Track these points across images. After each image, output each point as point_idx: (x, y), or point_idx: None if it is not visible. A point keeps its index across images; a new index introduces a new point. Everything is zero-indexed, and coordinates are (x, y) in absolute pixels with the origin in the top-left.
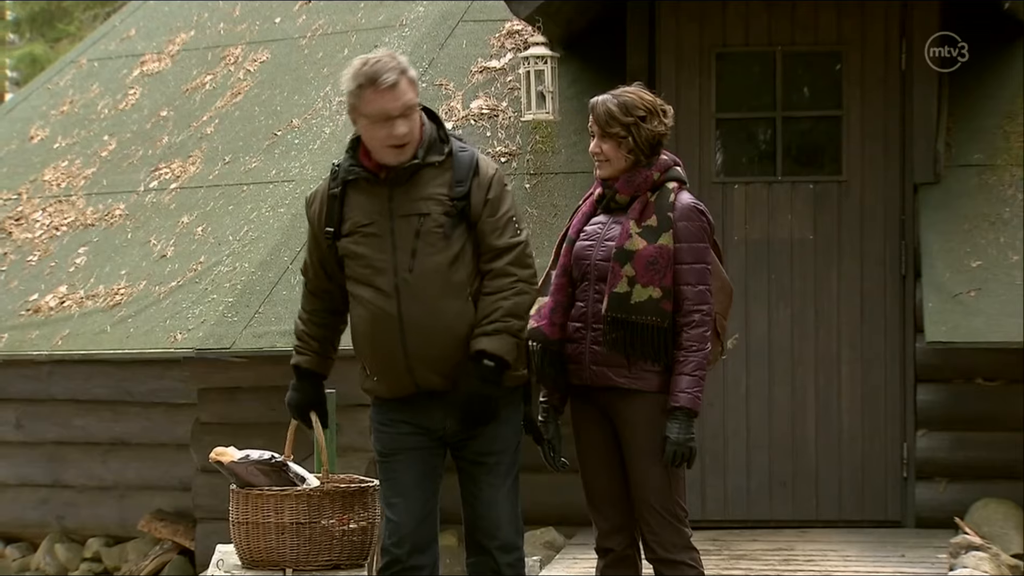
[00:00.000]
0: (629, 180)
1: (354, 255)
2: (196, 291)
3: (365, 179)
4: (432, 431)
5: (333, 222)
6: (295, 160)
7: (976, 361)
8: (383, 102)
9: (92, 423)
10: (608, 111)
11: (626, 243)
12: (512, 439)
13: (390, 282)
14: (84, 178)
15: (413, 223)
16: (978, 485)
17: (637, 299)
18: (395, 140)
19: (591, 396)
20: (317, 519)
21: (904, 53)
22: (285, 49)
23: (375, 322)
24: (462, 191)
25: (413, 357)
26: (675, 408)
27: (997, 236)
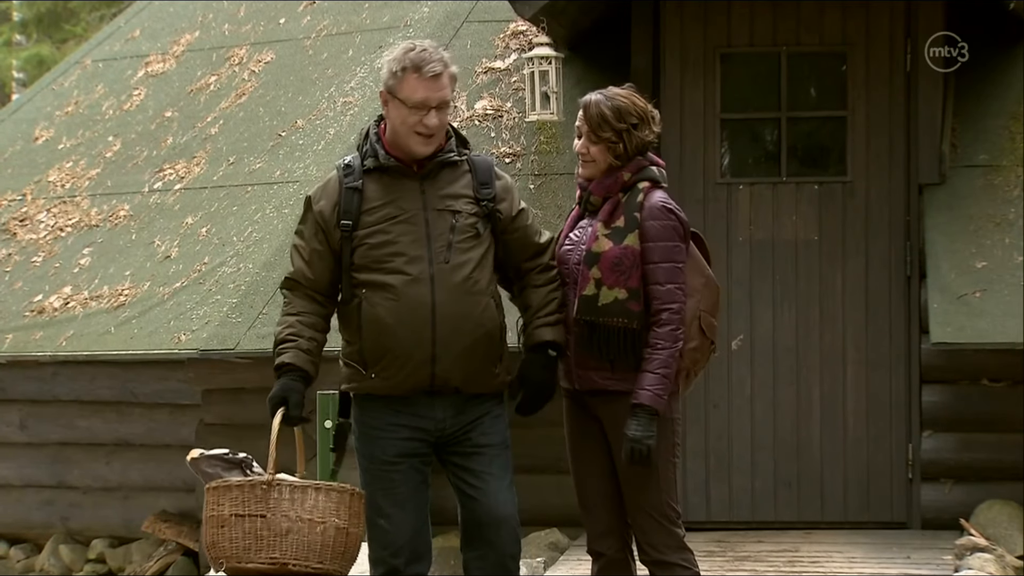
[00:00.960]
0: (602, 182)
1: (381, 243)
2: (200, 292)
3: (395, 169)
4: (430, 431)
5: (351, 215)
6: (299, 161)
7: (982, 362)
8: (424, 90)
9: (96, 424)
10: (601, 114)
11: (593, 245)
12: (505, 434)
13: (425, 270)
14: (89, 179)
15: (447, 218)
16: (983, 486)
17: (604, 301)
18: (425, 129)
19: (579, 399)
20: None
21: (909, 54)
22: (289, 50)
23: (402, 308)
24: (489, 193)
25: (441, 346)
26: (635, 405)
27: (1002, 237)
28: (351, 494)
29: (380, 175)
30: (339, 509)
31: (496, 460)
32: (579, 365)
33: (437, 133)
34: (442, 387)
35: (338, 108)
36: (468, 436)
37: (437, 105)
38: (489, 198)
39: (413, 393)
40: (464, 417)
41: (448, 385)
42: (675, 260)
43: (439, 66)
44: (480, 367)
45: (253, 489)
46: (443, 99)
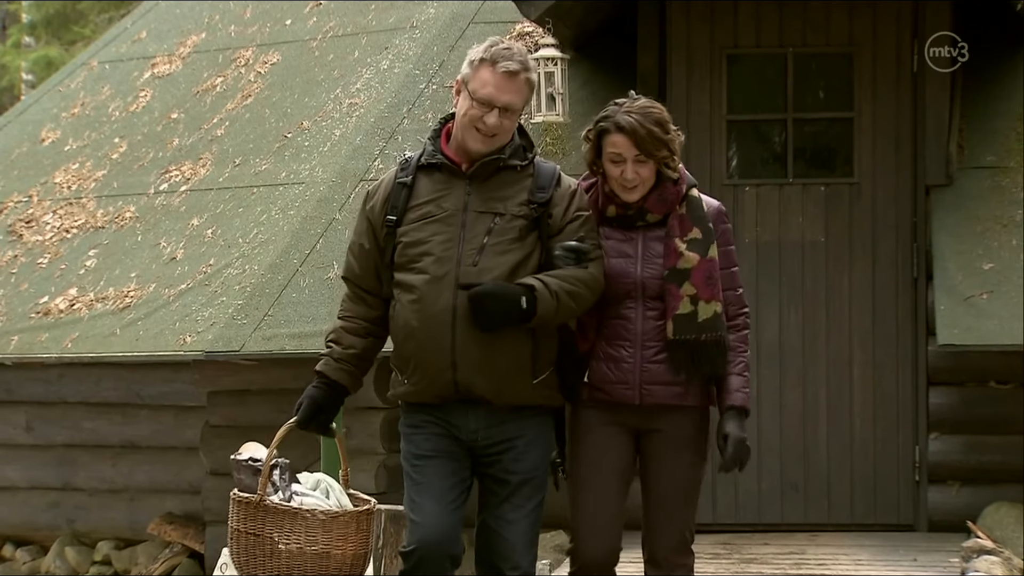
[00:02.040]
0: (662, 198)
1: (415, 242)
2: (206, 293)
3: (446, 167)
4: (463, 440)
5: (397, 211)
6: (305, 162)
7: (989, 364)
8: (493, 86)
9: (102, 426)
10: (652, 133)
11: (679, 262)
12: (541, 461)
13: (451, 272)
14: (95, 180)
15: (487, 220)
16: (990, 489)
17: (704, 316)
18: (484, 127)
19: (620, 414)
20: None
21: (916, 54)
22: (296, 51)
23: (424, 311)
24: (543, 197)
25: (460, 352)
26: (731, 407)
27: (1010, 238)
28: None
29: (433, 172)
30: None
31: (521, 490)
32: (650, 381)
33: (498, 135)
34: (468, 395)
35: (344, 109)
36: (499, 459)
37: (503, 106)
38: (542, 202)
39: (444, 401)
40: (497, 432)
41: (474, 394)
42: (736, 263)
43: (516, 66)
44: (508, 377)
45: (247, 506)
46: (510, 102)
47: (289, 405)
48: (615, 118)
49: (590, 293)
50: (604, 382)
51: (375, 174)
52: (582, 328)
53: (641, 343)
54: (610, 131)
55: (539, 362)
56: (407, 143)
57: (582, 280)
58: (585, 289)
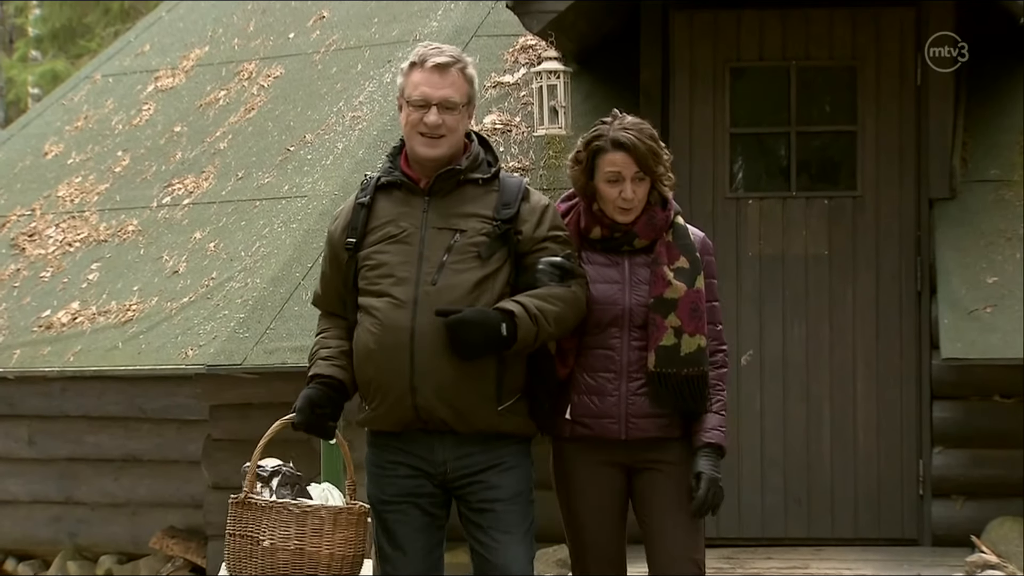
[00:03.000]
0: (651, 223)
1: (374, 264)
2: (208, 307)
3: (403, 184)
4: (432, 475)
5: (356, 233)
6: (308, 176)
7: (993, 378)
8: (425, 84)
9: (104, 440)
10: (651, 149)
11: (666, 292)
12: (521, 487)
13: (409, 293)
14: (97, 194)
15: (446, 237)
16: (995, 503)
17: (687, 350)
18: (426, 128)
19: (606, 450)
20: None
21: (919, 68)
22: (299, 64)
23: (383, 334)
24: (509, 213)
25: (420, 376)
26: (707, 444)
27: (1013, 252)
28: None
29: (392, 191)
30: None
31: (506, 516)
32: (636, 414)
33: (446, 135)
34: (431, 420)
35: (347, 123)
36: (474, 490)
37: (440, 103)
38: (507, 218)
39: (406, 429)
40: (468, 463)
41: (435, 419)
42: (718, 298)
43: (446, 58)
44: (470, 402)
45: (234, 506)
46: (446, 97)
47: None
48: (610, 135)
49: (573, 314)
50: (587, 416)
51: None
52: (561, 353)
53: (627, 374)
54: (606, 149)
55: (504, 387)
56: None
57: (564, 300)
58: (567, 310)
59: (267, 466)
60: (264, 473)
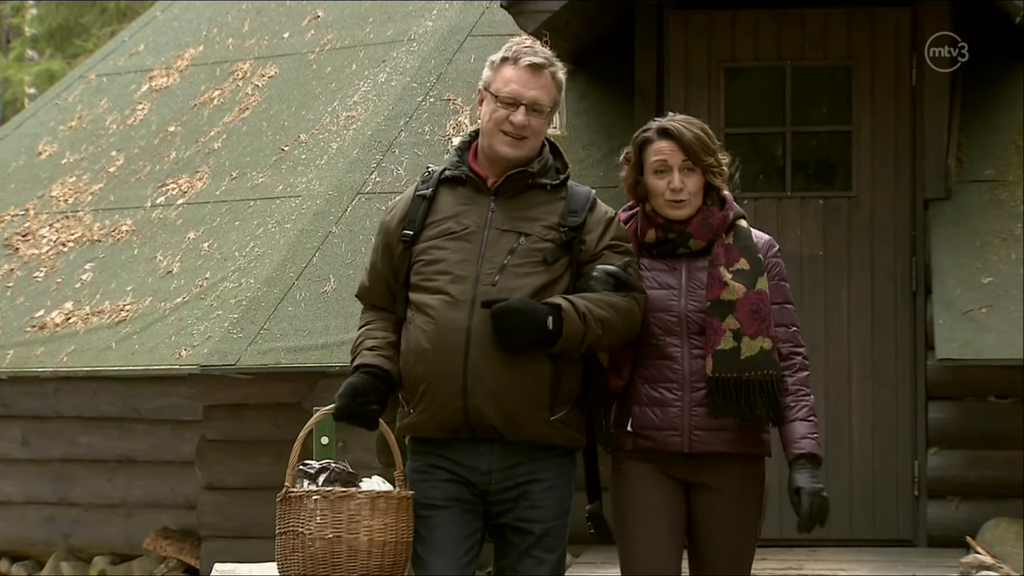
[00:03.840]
0: (706, 223)
1: (431, 260)
2: (201, 307)
3: (469, 181)
4: (474, 484)
5: (414, 225)
6: (302, 175)
7: (988, 378)
8: (517, 82)
9: (98, 440)
10: (699, 137)
11: (722, 293)
12: (561, 508)
13: (467, 292)
14: (91, 194)
15: (510, 239)
16: (990, 504)
17: (748, 353)
18: (511, 128)
19: (667, 464)
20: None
21: (915, 68)
22: (293, 64)
23: (437, 333)
24: (576, 221)
25: (473, 378)
26: (800, 456)
27: (1009, 252)
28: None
29: (455, 187)
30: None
31: (544, 540)
32: (700, 426)
33: (529, 137)
34: (479, 426)
35: (341, 122)
36: (514, 505)
37: (530, 103)
38: (573, 226)
39: (452, 435)
40: (513, 475)
41: (484, 424)
42: (791, 300)
43: (541, 59)
44: (523, 408)
45: (280, 505)
46: (536, 99)
47: (285, 420)
48: (657, 125)
49: (622, 323)
50: (649, 428)
51: (372, 187)
52: (616, 364)
53: (689, 384)
54: (652, 139)
55: (558, 396)
56: (404, 156)
57: (615, 307)
58: (617, 317)
59: (315, 463)
60: (311, 470)
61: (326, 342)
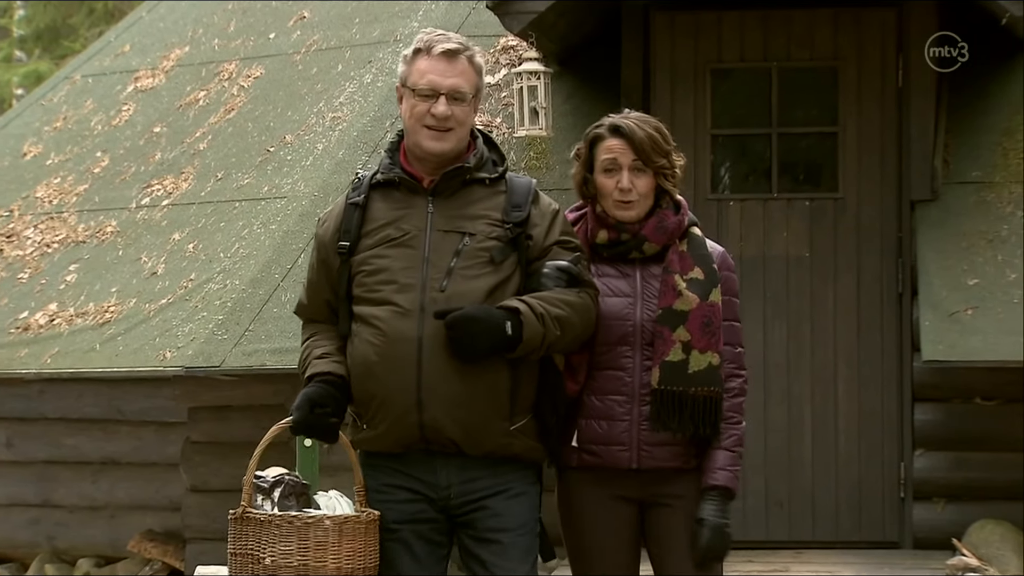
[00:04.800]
0: (661, 226)
1: (373, 270)
2: (186, 308)
3: (404, 183)
4: (434, 500)
5: (350, 236)
6: (287, 176)
7: (974, 380)
8: (433, 72)
9: (83, 442)
10: (652, 137)
11: (675, 302)
12: (528, 516)
13: (415, 300)
14: (76, 195)
15: (454, 240)
16: (976, 506)
17: (695, 367)
18: (433, 121)
19: (617, 482)
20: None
21: (901, 69)
22: (279, 65)
23: (387, 345)
24: (519, 216)
25: (427, 390)
26: (711, 487)
27: (995, 254)
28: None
29: (389, 191)
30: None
31: (512, 549)
32: (649, 441)
33: (454, 128)
34: (436, 440)
35: (327, 123)
36: (479, 517)
37: (449, 92)
38: (517, 221)
39: (407, 450)
40: (473, 488)
41: (442, 438)
42: (739, 318)
43: (454, 45)
44: (481, 420)
45: (234, 523)
46: (456, 86)
47: (271, 421)
48: (609, 122)
49: (580, 322)
50: (596, 442)
51: None
52: (571, 368)
53: (639, 397)
54: (604, 136)
55: (517, 404)
56: None
57: (571, 305)
58: (575, 316)
59: (268, 476)
60: (265, 484)
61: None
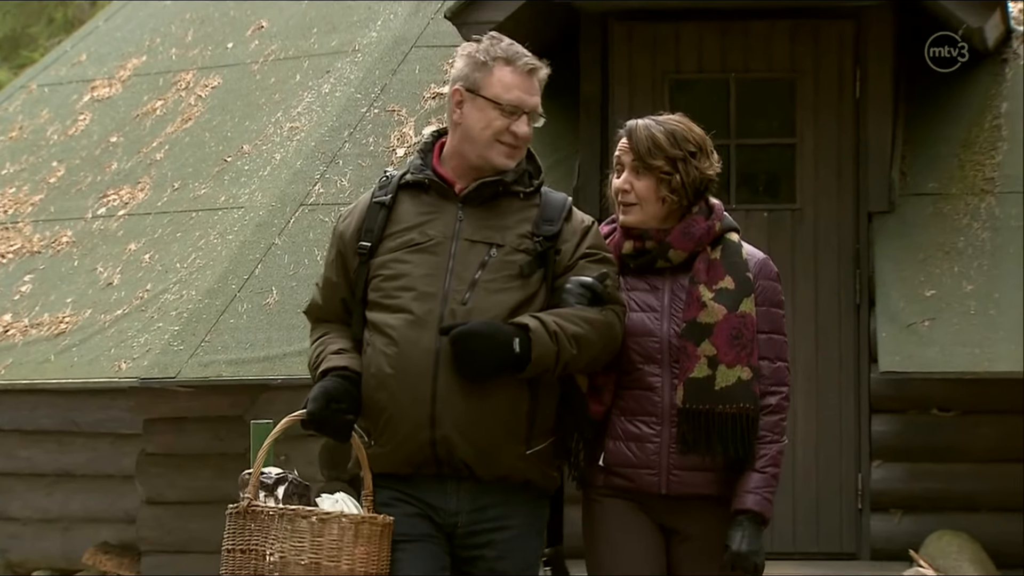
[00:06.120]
0: (687, 232)
1: (392, 275)
2: (142, 319)
3: (434, 186)
4: (441, 524)
5: (372, 236)
6: (244, 187)
7: (931, 391)
8: (522, 88)
9: (37, 454)
10: (652, 137)
11: (699, 314)
12: (532, 557)
13: (434, 310)
14: (32, 205)
15: (481, 251)
16: (933, 517)
17: (723, 383)
18: (513, 140)
19: (645, 505)
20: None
21: (858, 81)
22: (237, 75)
23: (400, 356)
24: (551, 230)
25: (442, 405)
26: (740, 512)
27: (951, 266)
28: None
29: (418, 194)
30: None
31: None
32: (679, 465)
33: (524, 147)
34: (448, 462)
35: (285, 133)
36: (481, 553)
37: (532, 111)
38: (548, 235)
39: (416, 471)
40: (481, 518)
41: (454, 458)
42: (784, 332)
43: (535, 62)
44: (497, 441)
45: (235, 517)
46: (538, 107)
47: (227, 433)
48: (629, 122)
49: (600, 341)
50: (624, 465)
51: (315, 199)
52: (595, 389)
53: (669, 418)
54: (620, 135)
55: (535, 427)
56: (348, 168)
57: (591, 323)
58: (594, 334)
59: (271, 473)
60: (268, 480)
61: (268, 355)
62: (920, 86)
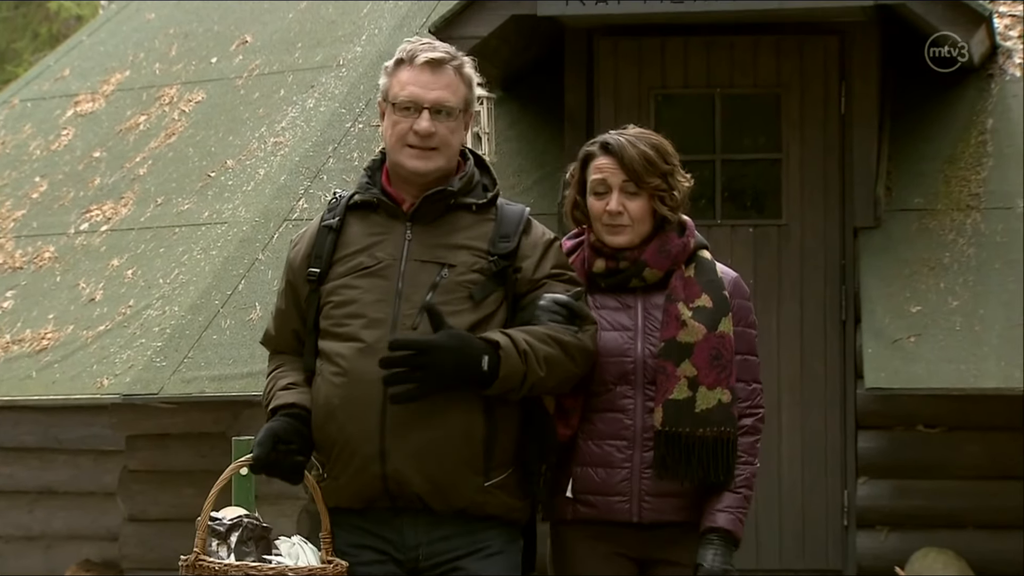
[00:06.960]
0: (663, 250)
1: (341, 301)
2: (124, 335)
3: (383, 205)
4: (402, 562)
5: (321, 262)
6: (228, 202)
7: (917, 408)
8: (416, 84)
9: (19, 471)
10: (645, 155)
11: (679, 333)
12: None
13: (384, 337)
14: (14, 220)
15: (431, 271)
16: (919, 534)
17: (703, 406)
18: (416, 139)
19: (616, 537)
20: None
21: (844, 96)
22: (221, 89)
23: (349, 386)
24: (507, 247)
25: (392, 436)
26: (711, 529)
27: (937, 281)
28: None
29: (367, 214)
30: None
31: None
32: (652, 492)
33: (439, 147)
34: (401, 495)
35: (268, 148)
36: None
37: (433, 105)
38: (504, 252)
39: (369, 505)
40: (444, 547)
41: (408, 492)
42: (757, 352)
43: (438, 55)
44: (452, 474)
45: (185, 570)
46: (440, 99)
47: (210, 450)
48: (601, 139)
49: (571, 363)
50: (593, 492)
51: (299, 214)
52: (563, 411)
53: (641, 442)
54: (595, 155)
55: (494, 456)
56: (332, 183)
57: (563, 345)
58: (564, 357)
59: (225, 518)
60: (221, 528)
61: (251, 371)
62: (905, 102)
